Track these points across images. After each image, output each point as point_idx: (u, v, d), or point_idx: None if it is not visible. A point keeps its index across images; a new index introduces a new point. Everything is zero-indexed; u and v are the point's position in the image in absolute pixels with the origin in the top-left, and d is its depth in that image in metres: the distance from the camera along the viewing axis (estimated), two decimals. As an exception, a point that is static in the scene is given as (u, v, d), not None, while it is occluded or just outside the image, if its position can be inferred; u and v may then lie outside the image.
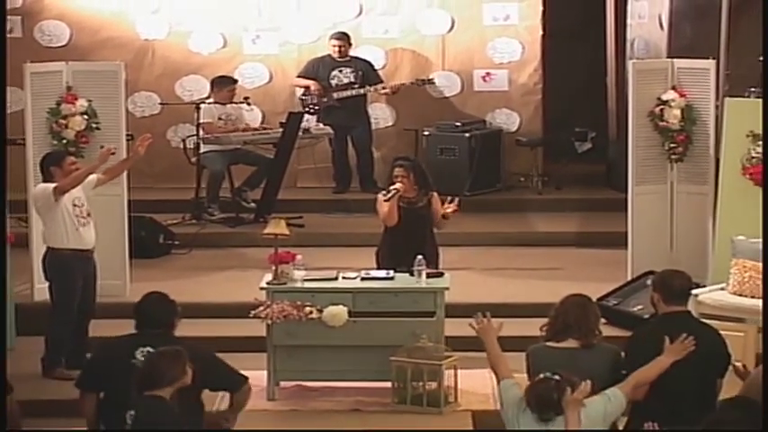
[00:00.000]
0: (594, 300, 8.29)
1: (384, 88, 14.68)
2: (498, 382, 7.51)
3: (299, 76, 14.79)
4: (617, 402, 7.26)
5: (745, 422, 6.15)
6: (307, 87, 14.68)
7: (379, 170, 14.19)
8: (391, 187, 10.67)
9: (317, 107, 14.61)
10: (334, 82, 14.59)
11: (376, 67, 14.79)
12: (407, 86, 14.73)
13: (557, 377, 7.05)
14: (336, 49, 14.54)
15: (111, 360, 8.11)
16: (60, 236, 10.34)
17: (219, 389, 8.36)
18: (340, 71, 14.62)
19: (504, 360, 7.61)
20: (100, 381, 8.07)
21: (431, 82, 14.89)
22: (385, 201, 10.64)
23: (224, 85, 14.23)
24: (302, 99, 14.70)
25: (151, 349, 7.79)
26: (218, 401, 9.93)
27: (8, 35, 14.73)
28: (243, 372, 10.29)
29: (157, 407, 7.24)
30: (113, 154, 10.87)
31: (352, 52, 14.67)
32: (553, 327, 7.74)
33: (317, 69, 14.66)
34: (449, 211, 10.83)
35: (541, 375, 7.11)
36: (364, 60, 14.73)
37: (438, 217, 10.84)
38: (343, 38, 14.59)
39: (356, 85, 14.60)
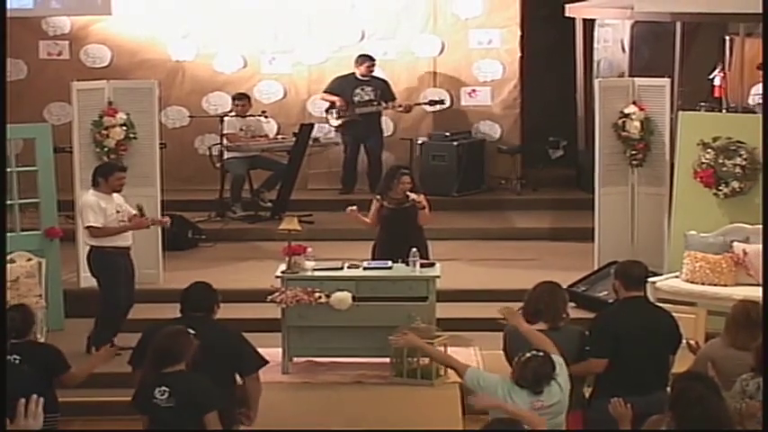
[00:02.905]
0: (565, 286, 8.29)
1: (400, 106, 14.64)
2: (462, 375, 7.27)
3: (325, 92, 14.71)
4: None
5: (707, 391, 6.20)
6: (333, 102, 14.64)
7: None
8: (412, 198, 10.66)
9: (340, 120, 14.63)
10: (356, 99, 14.51)
11: (392, 86, 14.69)
12: (419, 104, 14.73)
13: (540, 354, 6.99)
14: (368, 68, 14.46)
15: None
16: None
17: (236, 369, 7.98)
18: (362, 89, 14.52)
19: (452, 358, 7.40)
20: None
21: (442, 103, 14.87)
22: (421, 208, 10.67)
23: (234, 100, 14.24)
24: (328, 112, 14.72)
25: (192, 330, 7.58)
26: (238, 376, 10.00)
27: (57, 57, 14.90)
28: (258, 348, 10.35)
29: (191, 378, 7.14)
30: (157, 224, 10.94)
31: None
32: (526, 311, 7.71)
33: (342, 86, 14.53)
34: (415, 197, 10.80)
35: (528, 354, 7.00)
36: (382, 80, 14.63)
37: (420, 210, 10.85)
38: (372, 59, 14.53)
39: (375, 102, 14.55)
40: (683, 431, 6.12)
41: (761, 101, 13.16)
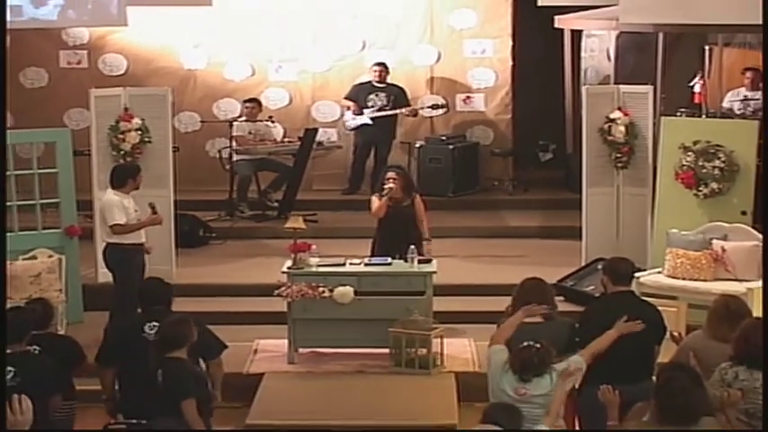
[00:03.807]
0: (554, 281, 8.30)
1: (407, 112, 14.65)
2: (490, 345, 7.37)
3: (345, 98, 14.68)
4: (582, 368, 7.24)
5: (689, 382, 6.20)
6: (348, 108, 14.64)
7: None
8: (385, 187, 10.73)
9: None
10: (370, 104, 14.49)
11: (407, 93, 14.64)
12: (423, 108, 14.73)
13: (537, 345, 6.99)
14: (377, 73, 14.46)
15: (125, 338, 7.98)
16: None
17: (200, 354, 7.93)
18: (376, 95, 14.46)
19: (509, 332, 7.47)
20: (115, 357, 7.91)
21: (444, 107, 14.85)
22: (383, 196, 10.69)
23: (245, 102, 14.28)
24: (342, 116, 14.70)
25: (156, 323, 7.70)
26: (247, 365, 10.03)
27: (77, 66, 14.90)
28: (266, 339, 10.36)
29: (182, 366, 7.27)
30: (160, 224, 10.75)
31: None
32: (518, 306, 7.70)
33: (358, 93, 14.54)
34: None
35: (524, 344, 7.01)
36: (398, 87, 14.59)
37: (420, 215, 10.83)
38: (383, 65, 14.52)
39: (388, 108, 14.54)
40: (664, 420, 6.12)
41: (740, 106, 13.16)
